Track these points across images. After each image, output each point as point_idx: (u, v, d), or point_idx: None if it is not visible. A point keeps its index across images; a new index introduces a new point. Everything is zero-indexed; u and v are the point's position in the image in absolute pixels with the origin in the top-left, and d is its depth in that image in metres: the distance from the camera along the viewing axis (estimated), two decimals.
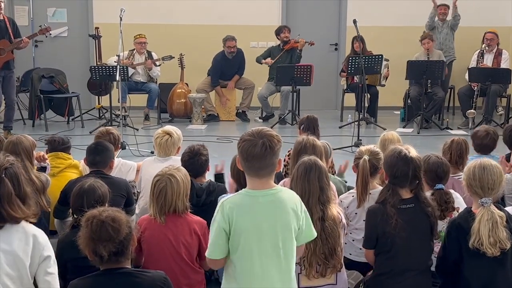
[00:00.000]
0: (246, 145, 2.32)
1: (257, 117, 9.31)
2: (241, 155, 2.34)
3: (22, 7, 9.85)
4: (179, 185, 3.04)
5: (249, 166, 2.33)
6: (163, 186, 3.02)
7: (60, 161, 4.19)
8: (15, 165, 2.46)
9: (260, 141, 2.30)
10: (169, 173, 3.06)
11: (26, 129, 8.39)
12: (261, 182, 2.35)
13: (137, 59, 8.85)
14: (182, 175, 3.10)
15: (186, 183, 3.10)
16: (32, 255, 2.38)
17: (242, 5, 9.92)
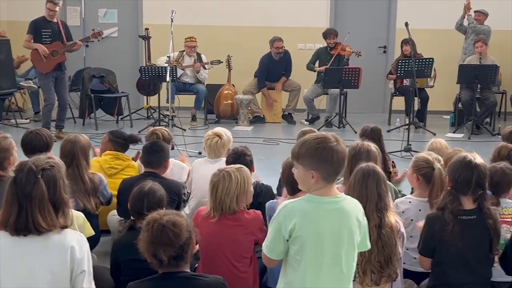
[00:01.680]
0: (325, 149, 2.25)
1: (303, 119, 9.27)
2: (320, 159, 2.26)
3: (74, 8, 10.06)
4: (231, 183, 3.02)
5: (325, 168, 2.26)
6: (216, 181, 3.04)
7: (119, 162, 4.24)
8: (56, 168, 2.33)
9: (340, 146, 2.27)
10: (225, 171, 3.07)
11: (77, 127, 8.56)
12: (327, 188, 2.30)
13: (186, 61, 8.93)
14: (239, 175, 3.07)
15: (242, 184, 3.06)
16: (70, 269, 2.30)
17: (289, 6, 9.89)
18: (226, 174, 3.04)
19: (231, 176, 3.03)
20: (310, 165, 2.27)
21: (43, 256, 2.25)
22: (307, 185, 2.31)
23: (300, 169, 2.30)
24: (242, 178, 3.08)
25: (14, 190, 2.26)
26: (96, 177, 3.75)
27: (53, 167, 2.33)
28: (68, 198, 2.37)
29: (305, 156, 2.28)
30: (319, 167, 2.26)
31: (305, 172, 2.28)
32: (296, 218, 2.28)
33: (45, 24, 7.44)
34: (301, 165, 2.30)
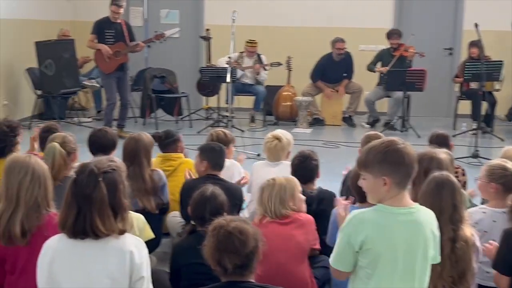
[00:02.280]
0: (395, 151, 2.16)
1: (364, 122, 9.06)
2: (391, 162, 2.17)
3: (137, 8, 10.19)
4: (273, 188, 3.08)
5: (398, 172, 2.16)
6: (262, 187, 3.11)
7: (169, 163, 4.18)
8: (117, 171, 2.28)
9: (409, 148, 2.17)
10: (273, 178, 3.15)
11: (137, 127, 8.65)
12: (400, 197, 2.18)
13: (246, 62, 8.88)
14: (284, 181, 3.14)
15: (284, 189, 3.12)
16: (128, 274, 2.24)
17: (352, 6, 9.70)
18: (271, 181, 3.13)
19: (275, 182, 3.11)
20: (380, 171, 2.16)
21: (101, 260, 2.21)
22: (379, 194, 2.19)
23: (370, 178, 2.19)
24: (288, 183, 3.12)
25: (74, 192, 2.22)
26: (156, 174, 3.71)
27: (115, 171, 2.27)
28: (127, 203, 2.31)
29: (374, 162, 2.17)
30: (391, 172, 2.15)
31: (375, 180, 2.17)
32: (368, 230, 2.17)
33: (108, 25, 7.55)
34: (370, 173, 2.19)
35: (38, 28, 8.82)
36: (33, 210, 2.54)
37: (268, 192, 3.10)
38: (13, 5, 8.24)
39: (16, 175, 2.54)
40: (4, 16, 8.01)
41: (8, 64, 8.29)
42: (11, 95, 8.35)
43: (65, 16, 9.78)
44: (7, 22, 8.10)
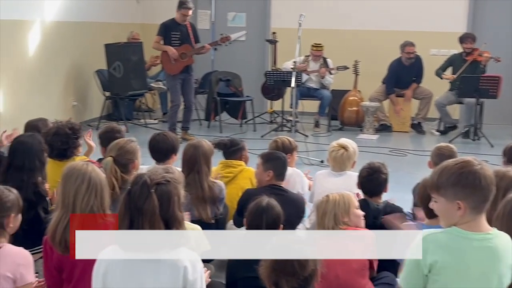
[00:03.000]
0: (471, 174, 2.01)
1: (434, 130, 8.73)
2: (466, 186, 2.02)
3: (205, 11, 10.25)
4: (328, 204, 3.05)
5: (473, 196, 2.01)
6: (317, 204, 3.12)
7: (229, 170, 4.10)
8: (172, 184, 2.21)
9: (486, 169, 2.02)
10: (327, 194, 3.14)
11: (202, 129, 8.68)
12: (477, 221, 2.02)
13: (312, 66, 8.75)
14: (338, 197, 3.09)
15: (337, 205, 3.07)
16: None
17: (423, 9, 9.38)
18: (325, 198, 3.11)
19: (328, 199, 3.07)
20: (454, 195, 2.00)
21: (154, 274, 2.16)
22: (452, 219, 2.04)
23: (442, 202, 2.03)
24: (342, 199, 3.07)
25: (127, 203, 2.19)
26: (217, 186, 3.65)
27: (169, 182, 2.21)
28: (182, 216, 2.25)
29: (447, 185, 2.01)
30: (466, 196, 1.99)
31: (448, 204, 2.01)
32: (439, 254, 2.02)
33: (175, 27, 7.59)
34: (442, 196, 2.03)
35: (108, 31, 9.02)
36: None
37: (322, 209, 3.07)
38: (84, 8, 8.45)
39: (72, 183, 2.53)
40: (75, 19, 8.23)
41: (78, 66, 8.51)
42: (80, 96, 8.56)
43: (134, 19, 9.95)
44: (78, 24, 8.32)
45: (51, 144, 3.69)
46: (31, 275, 2.48)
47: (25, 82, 7.18)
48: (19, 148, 3.45)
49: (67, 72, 8.23)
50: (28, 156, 3.41)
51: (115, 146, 3.50)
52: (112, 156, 3.40)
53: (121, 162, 3.40)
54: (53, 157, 3.74)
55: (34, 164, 3.42)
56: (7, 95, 6.83)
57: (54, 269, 2.64)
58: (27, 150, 3.43)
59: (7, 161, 3.45)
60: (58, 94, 8.01)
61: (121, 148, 3.48)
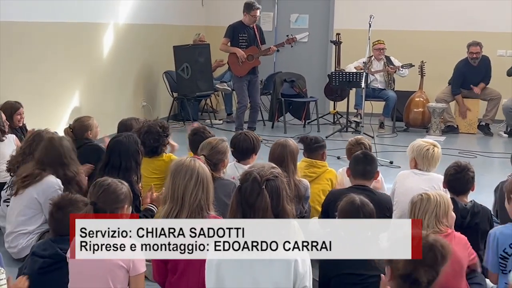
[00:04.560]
0: None
1: (502, 131, 8.56)
2: None
3: (268, 13, 10.33)
4: (429, 204, 2.95)
5: None
6: (415, 201, 3.01)
7: (313, 170, 4.16)
8: (279, 178, 2.32)
9: None
10: (426, 193, 3.03)
11: (266, 130, 8.76)
12: None
13: (375, 65, 8.73)
14: (439, 197, 2.99)
15: (438, 206, 2.96)
16: (292, 282, 2.24)
17: (490, 9, 9.21)
18: (425, 195, 2.99)
19: (430, 197, 2.96)
20: None
21: (267, 267, 2.24)
22: None
23: None
24: (443, 199, 2.98)
25: (239, 200, 2.28)
26: (302, 185, 3.72)
27: (277, 178, 2.31)
28: (291, 209, 2.33)
29: None
30: None
31: None
32: None
33: (242, 29, 7.70)
34: None
35: (174, 33, 9.22)
36: (196, 213, 2.63)
37: (422, 208, 2.98)
38: (152, 11, 8.66)
39: (182, 178, 2.64)
40: (145, 21, 8.45)
41: (147, 67, 8.74)
42: (149, 97, 8.79)
43: (199, 21, 10.13)
44: (147, 27, 8.54)
45: (143, 141, 3.84)
46: (143, 266, 2.61)
47: (99, 83, 7.43)
48: (117, 148, 3.61)
49: (138, 73, 8.47)
50: (125, 157, 3.57)
51: (208, 146, 3.62)
52: (204, 154, 3.52)
53: (212, 160, 3.52)
54: (144, 154, 3.89)
55: (130, 164, 3.58)
56: (83, 95, 7.09)
57: (160, 260, 2.75)
58: (124, 150, 3.58)
59: (104, 160, 3.61)
60: (129, 95, 8.25)
61: (213, 147, 3.60)
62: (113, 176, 3.40)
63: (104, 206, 2.57)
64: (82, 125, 4.66)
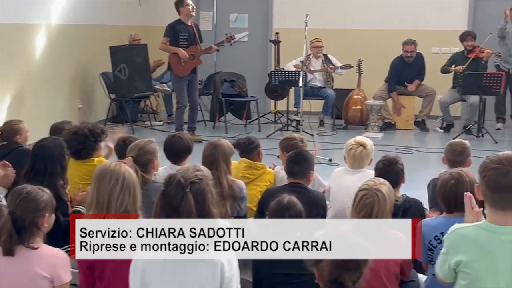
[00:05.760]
0: (494, 174, 2.04)
1: (437, 127, 8.79)
2: (487, 185, 2.07)
3: (207, 13, 10.28)
4: (385, 201, 2.84)
5: (496, 198, 2.06)
6: (369, 202, 2.83)
7: (252, 171, 4.12)
8: (204, 181, 2.26)
9: (511, 169, 2.03)
10: (375, 188, 2.87)
11: (207, 130, 8.71)
12: (508, 216, 2.06)
13: (313, 64, 8.80)
14: (389, 191, 2.89)
15: (392, 199, 2.90)
16: (219, 286, 2.21)
17: (425, 8, 9.45)
18: (378, 193, 2.83)
19: (383, 194, 2.84)
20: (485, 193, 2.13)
21: (193, 271, 2.20)
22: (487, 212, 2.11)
23: None
24: (391, 192, 2.92)
25: (163, 203, 2.23)
26: (237, 184, 3.68)
27: (202, 180, 2.26)
28: (217, 212, 2.30)
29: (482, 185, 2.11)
30: (487, 196, 2.10)
31: None
32: (466, 252, 2.07)
33: (182, 28, 7.59)
34: None
35: (111, 33, 9.04)
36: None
37: (377, 207, 2.85)
38: (87, 11, 8.47)
39: (107, 183, 2.56)
40: (79, 22, 8.25)
41: (83, 69, 8.53)
42: (86, 99, 8.58)
43: (137, 21, 9.97)
44: (82, 27, 8.35)
45: (68, 142, 3.73)
46: (67, 275, 2.52)
47: (32, 86, 7.21)
48: (41, 152, 3.48)
49: (73, 75, 8.26)
50: (50, 161, 3.44)
51: (135, 147, 3.55)
52: (132, 156, 3.45)
53: (140, 162, 3.45)
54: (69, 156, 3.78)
55: (56, 169, 3.45)
56: (14, 98, 6.86)
57: (86, 268, 2.67)
58: (49, 155, 3.45)
59: (29, 165, 3.48)
60: (64, 97, 8.03)
61: (141, 148, 3.53)
62: (38, 182, 3.29)
63: (23, 214, 2.46)
64: (11, 128, 4.49)
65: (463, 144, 3.96)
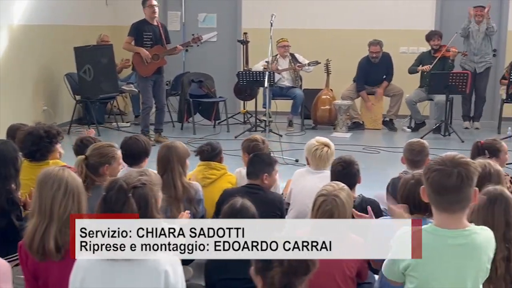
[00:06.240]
0: (437, 175, 2.00)
1: (405, 126, 8.83)
2: (431, 187, 2.03)
3: (175, 13, 10.19)
4: (344, 207, 2.80)
5: (440, 200, 2.03)
6: (328, 209, 2.77)
7: (212, 172, 4.08)
8: (148, 186, 2.19)
9: (455, 170, 1.99)
10: (333, 194, 2.81)
11: (175, 131, 8.63)
12: (453, 218, 2.04)
13: (281, 64, 8.78)
14: (347, 196, 2.85)
15: (351, 205, 2.87)
16: None
17: (392, 8, 9.49)
18: (337, 199, 2.78)
19: (342, 200, 2.80)
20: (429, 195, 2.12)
21: (134, 280, 2.12)
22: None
23: None
24: (350, 197, 2.87)
25: (104, 210, 2.16)
26: (193, 187, 3.62)
27: (145, 185, 2.19)
28: (160, 217, 2.24)
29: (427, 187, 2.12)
30: (431, 198, 2.10)
31: None
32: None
33: (147, 27, 7.49)
34: None
35: (77, 34, 8.90)
36: (66, 225, 2.47)
37: (337, 213, 2.81)
38: (52, 11, 8.32)
39: (49, 189, 2.48)
40: (44, 22, 8.10)
41: (47, 70, 8.39)
42: (50, 101, 8.43)
43: (104, 21, 9.83)
44: (46, 28, 8.20)
45: (22, 142, 3.64)
46: (9, 285, 2.43)
47: None
48: None
49: (36, 77, 8.11)
50: (3, 164, 3.35)
51: (92, 147, 3.49)
52: (85, 155, 3.38)
53: (90, 162, 3.38)
54: (23, 157, 3.69)
55: (9, 172, 3.36)
56: None
57: (30, 276, 2.59)
58: (2, 157, 3.36)
59: None
60: (28, 99, 7.88)
61: (95, 149, 3.46)
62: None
63: None
64: None
65: (421, 144, 3.95)
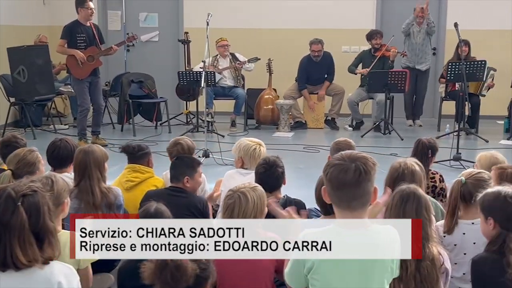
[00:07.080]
0: (335, 171, 1.96)
1: (347, 125, 8.90)
2: (330, 183, 1.99)
3: (115, 12, 9.99)
4: (248, 205, 2.73)
5: (339, 196, 1.99)
6: (231, 203, 2.74)
7: (136, 174, 3.97)
8: (39, 193, 2.08)
9: (352, 165, 1.96)
10: (241, 191, 2.77)
11: (115, 133, 8.46)
12: (354, 216, 2.00)
13: (221, 63, 8.71)
14: (255, 196, 2.78)
15: (259, 205, 2.78)
16: None
17: (334, 7, 9.55)
18: (242, 196, 2.74)
19: (247, 197, 2.73)
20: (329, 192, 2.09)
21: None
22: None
23: None
24: (258, 198, 2.79)
25: None
26: (112, 192, 3.49)
27: (36, 192, 2.07)
28: (54, 226, 2.13)
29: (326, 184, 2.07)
30: (331, 195, 2.07)
31: None
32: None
33: (79, 28, 7.29)
34: None
35: (13, 34, 8.61)
36: None
37: (238, 208, 2.77)
38: None
39: None
40: None
41: None
42: None
43: (42, 21, 9.56)
44: None
45: None
46: None
47: None
48: None
49: None
50: None
51: (14, 158, 3.33)
52: (11, 169, 3.21)
53: (21, 175, 3.20)
54: None
55: None
56: None
57: None
58: None
59: None
60: None
61: (20, 160, 3.32)
62: None
63: None
64: None
65: (348, 143, 3.94)
